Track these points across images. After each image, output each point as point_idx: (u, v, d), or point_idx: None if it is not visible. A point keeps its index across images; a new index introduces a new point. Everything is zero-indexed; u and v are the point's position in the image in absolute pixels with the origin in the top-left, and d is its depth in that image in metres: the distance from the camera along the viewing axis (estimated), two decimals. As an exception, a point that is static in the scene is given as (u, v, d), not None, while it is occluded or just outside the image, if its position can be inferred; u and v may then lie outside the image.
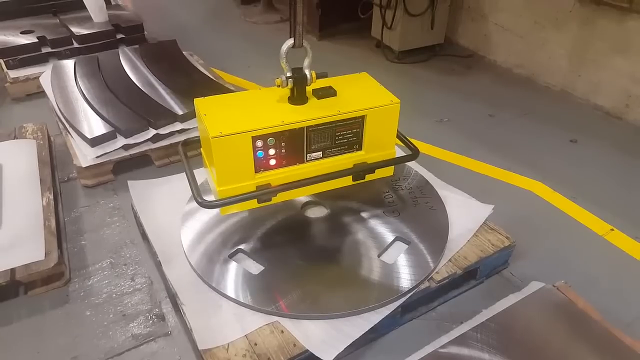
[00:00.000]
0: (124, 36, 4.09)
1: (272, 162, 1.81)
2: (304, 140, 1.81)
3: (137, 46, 3.86)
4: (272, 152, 1.78)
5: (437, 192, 2.37)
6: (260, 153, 1.76)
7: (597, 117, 3.50)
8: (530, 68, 4.00)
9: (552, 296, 1.92)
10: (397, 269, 1.95)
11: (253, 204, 1.85)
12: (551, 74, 3.84)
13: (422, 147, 3.07)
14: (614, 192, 2.72)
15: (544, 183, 2.76)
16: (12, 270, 1.96)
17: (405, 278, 1.90)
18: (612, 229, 2.44)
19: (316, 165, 1.88)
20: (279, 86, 1.80)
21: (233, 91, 3.23)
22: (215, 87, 3.29)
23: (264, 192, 1.81)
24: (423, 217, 2.21)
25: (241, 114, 1.77)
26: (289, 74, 1.77)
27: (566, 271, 2.17)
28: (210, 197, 1.83)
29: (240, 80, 3.90)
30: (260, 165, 1.80)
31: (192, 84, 3.30)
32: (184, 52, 3.79)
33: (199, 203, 1.76)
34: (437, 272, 1.96)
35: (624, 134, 3.28)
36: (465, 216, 2.22)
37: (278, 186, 1.83)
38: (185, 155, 2.00)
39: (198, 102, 1.85)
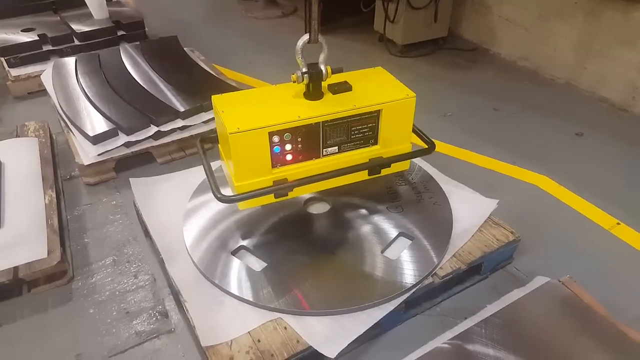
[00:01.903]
0: (124, 33, 4.08)
1: (289, 157, 1.82)
2: (320, 135, 1.82)
3: (138, 43, 3.86)
4: (288, 147, 1.79)
5: (440, 187, 2.35)
6: (277, 148, 1.77)
7: (603, 109, 3.46)
8: (535, 61, 3.96)
9: (558, 291, 1.90)
10: (400, 264, 1.93)
11: (270, 198, 1.85)
12: (556, 66, 3.80)
13: (426, 141, 3.05)
14: (620, 186, 2.69)
15: (549, 177, 2.73)
16: (15, 269, 1.97)
17: (408, 274, 1.88)
18: (618, 223, 2.42)
19: (332, 160, 1.88)
20: (294, 82, 1.80)
21: (235, 87, 3.23)
22: (216, 84, 3.28)
23: (281, 187, 1.81)
24: (427, 213, 2.20)
25: (258, 110, 1.78)
26: (304, 70, 1.77)
27: (572, 266, 2.15)
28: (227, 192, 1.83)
29: (242, 76, 3.88)
30: (277, 161, 1.80)
31: (193, 80, 3.29)
32: (185, 49, 3.77)
33: (217, 198, 1.76)
34: (441, 268, 1.94)
35: (631, 126, 3.24)
36: (469, 211, 2.20)
37: (295, 181, 1.84)
38: (203, 150, 1.99)
39: (215, 98, 1.87)
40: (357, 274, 1.91)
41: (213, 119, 2.93)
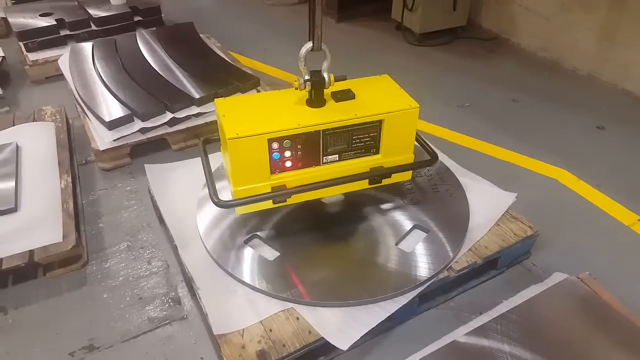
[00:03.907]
0: (141, 19, 4.07)
1: (288, 164, 1.80)
2: (320, 143, 1.80)
3: (154, 29, 3.84)
4: (287, 154, 1.78)
5: (457, 179, 2.31)
6: (276, 155, 1.76)
7: (626, 102, 3.37)
8: (556, 51, 3.86)
9: (576, 288, 1.87)
10: (415, 257, 1.91)
11: (268, 204, 1.85)
12: (578, 57, 3.70)
13: (443, 132, 3.01)
14: (642, 181, 2.62)
15: (569, 171, 2.67)
16: (31, 252, 1.98)
17: (423, 267, 1.86)
18: (639, 219, 2.36)
19: (332, 168, 1.87)
20: (296, 89, 1.78)
21: (250, 75, 3.20)
22: (232, 71, 3.26)
23: (278, 194, 1.80)
24: (443, 205, 2.16)
25: (258, 115, 1.77)
26: (307, 77, 1.76)
27: (591, 262, 2.10)
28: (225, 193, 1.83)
29: (257, 63, 3.85)
30: (276, 167, 1.79)
31: (209, 67, 3.27)
32: (201, 35, 3.75)
33: (215, 203, 1.77)
34: (456, 262, 1.92)
35: (654, 120, 3.16)
36: (486, 204, 2.16)
37: (293, 188, 1.83)
38: (205, 153, 2.00)
39: (218, 102, 1.86)
40: (370, 266, 1.89)
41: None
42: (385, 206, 2.16)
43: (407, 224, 2.07)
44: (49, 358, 1.79)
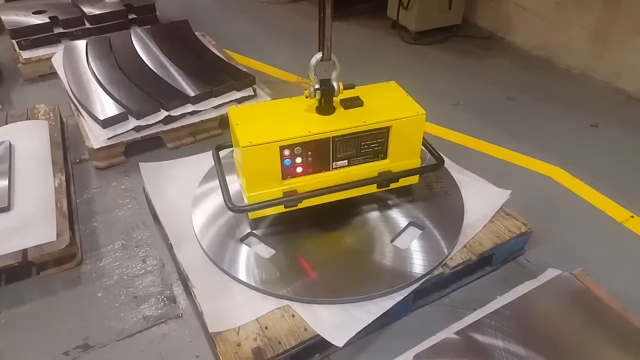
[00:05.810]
0: (135, 16, 4.06)
1: (299, 169, 1.84)
2: (330, 150, 1.84)
3: (149, 26, 3.84)
4: (298, 160, 1.82)
5: (452, 176, 2.32)
6: (287, 161, 1.80)
7: (619, 101, 3.39)
8: (551, 50, 3.88)
9: (569, 284, 1.88)
10: (410, 254, 1.91)
11: (280, 208, 1.88)
12: (572, 56, 3.72)
13: (438, 130, 3.02)
14: (635, 178, 2.63)
15: (563, 168, 2.69)
16: (25, 251, 1.97)
17: (418, 264, 1.87)
18: (632, 216, 2.37)
19: (341, 173, 1.90)
20: (307, 97, 1.82)
21: (246, 73, 3.19)
22: (227, 69, 3.25)
23: (290, 199, 1.84)
24: (438, 202, 2.17)
25: (270, 123, 1.81)
26: (317, 86, 1.80)
27: (584, 258, 2.12)
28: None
29: (252, 61, 3.85)
30: (287, 173, 1.83)
31: (204, 65, 3.26)
32: (196, 33, 3.74)
33: (229, 208, 1.81)
34: (451, 258, 1.92)
35: (647, 118, 3.18)
36: (481, 201, 2.17)
37: (304, 193, 1.86)
38: (219, 160, 2.04)
39: (231, 110, 1.91)
40: (366, 263, 1.90)
41: (223, 104, 2.93)
42: (380, 204, 2.16)
43: (403, 221, 2.07)
44: (43, 357, 1.78)
